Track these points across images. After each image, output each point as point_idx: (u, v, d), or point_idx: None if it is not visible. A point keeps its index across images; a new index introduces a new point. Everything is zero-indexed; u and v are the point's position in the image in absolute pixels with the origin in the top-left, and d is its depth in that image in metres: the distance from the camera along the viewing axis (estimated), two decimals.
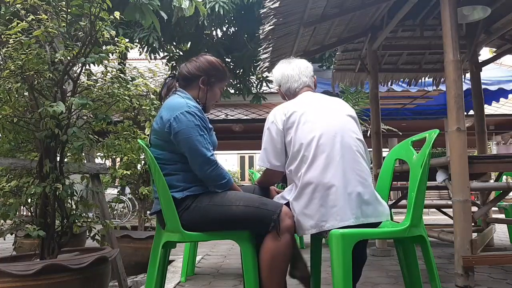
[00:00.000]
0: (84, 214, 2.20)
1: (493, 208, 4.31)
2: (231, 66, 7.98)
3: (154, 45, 6.83)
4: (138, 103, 2.42)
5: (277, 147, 1.80)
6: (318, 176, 1.66)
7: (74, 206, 2.16)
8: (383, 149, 4.76)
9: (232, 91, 8.57)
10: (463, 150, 2.55)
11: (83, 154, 2.47)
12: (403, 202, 3.95)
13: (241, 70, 8.15)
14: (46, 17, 1.99)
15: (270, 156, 1.82)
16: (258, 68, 4.35)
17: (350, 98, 7.42)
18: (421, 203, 1.70)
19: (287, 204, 1.74)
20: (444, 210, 4.58)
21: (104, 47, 2.15)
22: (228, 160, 19.74)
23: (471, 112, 4.89)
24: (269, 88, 9.48)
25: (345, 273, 1.53)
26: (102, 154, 2.88)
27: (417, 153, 1.87)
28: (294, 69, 2.00)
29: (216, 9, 6.19)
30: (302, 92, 1.96)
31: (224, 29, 7.89)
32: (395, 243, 1.94)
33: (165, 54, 8.16)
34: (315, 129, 1.72)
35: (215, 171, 1.74)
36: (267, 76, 8.76)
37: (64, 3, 2.05)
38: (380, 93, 4.47)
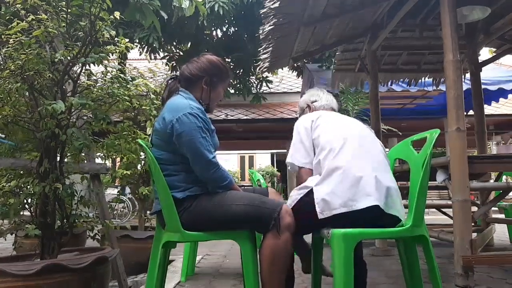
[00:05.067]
0: (84, 214, 2.20)
1: (493, 208, 4.31)
2: (231, 66, 7.98)
3: (154, 45, 6.83)
4: (138, 103, 2.42)
5: (306, 145, 1.87)
6: (348, 161, 1.71)
7: (74, 206, 2.16)
8: None
9: (232, 91, 8.57)
10: (463, 150, 2.55)
11: (83, 154, 2.47)
12: (404, 202, 3.94)
13: (241, 70, 8.15)
14: (46, 17, 1.99)
15: (298, 154, 1.88)
16: (258, 68, 4.35)
17: (350, 98, 7.40)
18: (422, 203, 1.70)
19: (310, 191, 1.73)
20: (444, 210, 4.59)
21: (104, 47, 2.15)
22: (228, 160, 19.73)
23: (471, 112, 4.88)
24: (269, 88, 9.48)
25: (346, 273, 1.52)
26: (102, 155, 2.89)
27: (417, 153, 1.88)
28: (333, 100, 2.25)
29: (216, 9, 6.19)
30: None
31: (224, 29, 7.89)
32: (396, 242, 1.94)
33: (165, 54, 8.17)
34: (342, 132, 1.85)
35: (216, 173, 1.74)
36: (267, 76, 8.77)
37: (64, 3, 2.05)
38: (380, 93, 4.47)
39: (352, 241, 1.57)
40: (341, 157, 1.73)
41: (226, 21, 7.34)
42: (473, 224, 3.02)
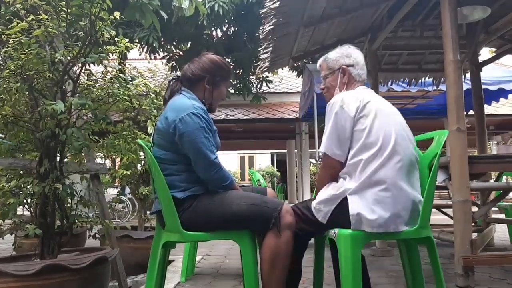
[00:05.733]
0: (84, 214, 2.20)
1: (493, 208, 4.31)
2: (231, 66, 7.99)
3: (154, 45, 6.84)
4: (138, 103, 2.42)
5: (343, 135, 1.65)
6: (393, 176, 1.59)
7: (74, 206, 2.15)
8: None
9: (232, 91, 8.57)
10: (463, 150, 2.55)
11: (83, 154, 2.47)
12: None
13: (241, 70, 8.16)
14: (46, 17, 1.98)
15: (332, 144, 1.67)
16: (258, 68, 4.35)
17: None
18: (429, 205, 1.70)
19: (344, 199, 1.62)
20: (444, 210, 4.58)
21: (104, 47, 2.15)
22: (228, 160, 19.74)
23: (471, 112, 4.88)
24: (269, 88, 9.48)
25: (354, 274, 1.52)
26: (101, 154, 2.88)
27: (422, 153, 1.87)
28: (365, 66, 1.93)
29: (216, 9, 6.20)
30: (360, 86, 1.86)
31: (224, 29, 7.90)
32: (398, 243, 1.94)
33: (165, 54, 8.17)
34: (392, 127, 1.65)
35: (218, 173, 1.74)
36: (267, 76, 8.77)
37: (64, 3, 2.04)
38: (380, 93, 4.46)
39: (359, 242, 1.57)
40: (388, 166, 1.59)
41: (226, 21, 7.34)
42: (473, 224, 3.01)
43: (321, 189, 1.75)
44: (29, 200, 2.08)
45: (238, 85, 8.43)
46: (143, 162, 3.50)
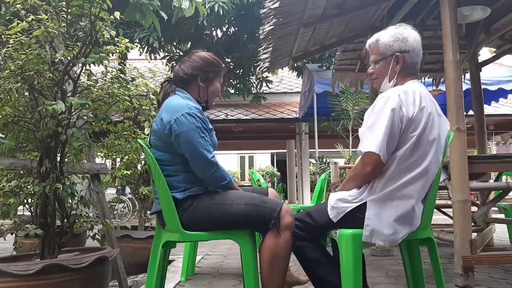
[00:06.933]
0: (84, 213, 2.20)
1: (492, 208, 4.31)
2: (231, 66, 8.00)
3: (154, 45, 6.85)
4: (138, 103, 2.43)
5: (397, 136, 1.54)
6: (418, 194, 1.58)
7: (74, 206, 2.16)
8: None
9: (232, 91, 8.58)
10: (463, 150, 2.55)
11: (83, 154, 2.47)
12: None
13: (241, 70, 8.17)
14: (46, 17, 1.99)
15: (385, 143, 1.53)
16: (258, 68, 4.36)
17: (350, 98, 7.41)
18: (432, 206, 1.70)
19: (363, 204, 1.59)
20: (444, 210, 4.59)
21: (104, 47, 2.15)
22: (228, 160, 19.74)
23: (471, 112, 4.88)
24: (269, 88, 9.48)
25: (355, 275, 1.52)
26: (102, 154, 2.88)
27: None
28: (421, 51, 1.74)
29: (216, 9, 6.21)
30: (413, 79, 1.71)
31: (224, 29, 7.91)
32: (400, 243, 1.94)
33: (165, 54, 8.18)
34: (433, 144, 1.59)
35: (216, 173, 1.74)
36: (267, 76, 8.78)
37: (64, 3, 2.05)
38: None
39: (361, 242, 1.57)
40: (416, 184, 1.56)
41: (226, 21, 7.36)
42: (473, 224, 3.02)
43: (350, 188, 1.65)
44: (29, 200, 2.08)
45: (238, 85, 8.45)
46: (143, 162, 3.50)
